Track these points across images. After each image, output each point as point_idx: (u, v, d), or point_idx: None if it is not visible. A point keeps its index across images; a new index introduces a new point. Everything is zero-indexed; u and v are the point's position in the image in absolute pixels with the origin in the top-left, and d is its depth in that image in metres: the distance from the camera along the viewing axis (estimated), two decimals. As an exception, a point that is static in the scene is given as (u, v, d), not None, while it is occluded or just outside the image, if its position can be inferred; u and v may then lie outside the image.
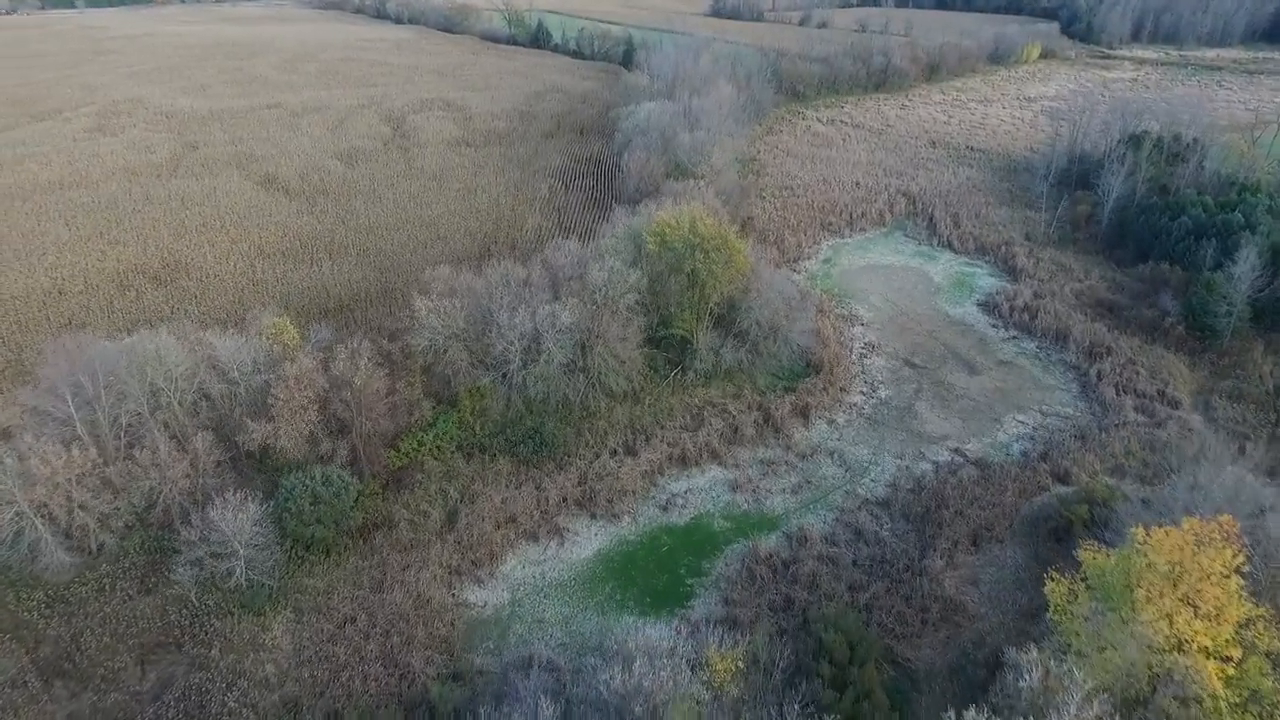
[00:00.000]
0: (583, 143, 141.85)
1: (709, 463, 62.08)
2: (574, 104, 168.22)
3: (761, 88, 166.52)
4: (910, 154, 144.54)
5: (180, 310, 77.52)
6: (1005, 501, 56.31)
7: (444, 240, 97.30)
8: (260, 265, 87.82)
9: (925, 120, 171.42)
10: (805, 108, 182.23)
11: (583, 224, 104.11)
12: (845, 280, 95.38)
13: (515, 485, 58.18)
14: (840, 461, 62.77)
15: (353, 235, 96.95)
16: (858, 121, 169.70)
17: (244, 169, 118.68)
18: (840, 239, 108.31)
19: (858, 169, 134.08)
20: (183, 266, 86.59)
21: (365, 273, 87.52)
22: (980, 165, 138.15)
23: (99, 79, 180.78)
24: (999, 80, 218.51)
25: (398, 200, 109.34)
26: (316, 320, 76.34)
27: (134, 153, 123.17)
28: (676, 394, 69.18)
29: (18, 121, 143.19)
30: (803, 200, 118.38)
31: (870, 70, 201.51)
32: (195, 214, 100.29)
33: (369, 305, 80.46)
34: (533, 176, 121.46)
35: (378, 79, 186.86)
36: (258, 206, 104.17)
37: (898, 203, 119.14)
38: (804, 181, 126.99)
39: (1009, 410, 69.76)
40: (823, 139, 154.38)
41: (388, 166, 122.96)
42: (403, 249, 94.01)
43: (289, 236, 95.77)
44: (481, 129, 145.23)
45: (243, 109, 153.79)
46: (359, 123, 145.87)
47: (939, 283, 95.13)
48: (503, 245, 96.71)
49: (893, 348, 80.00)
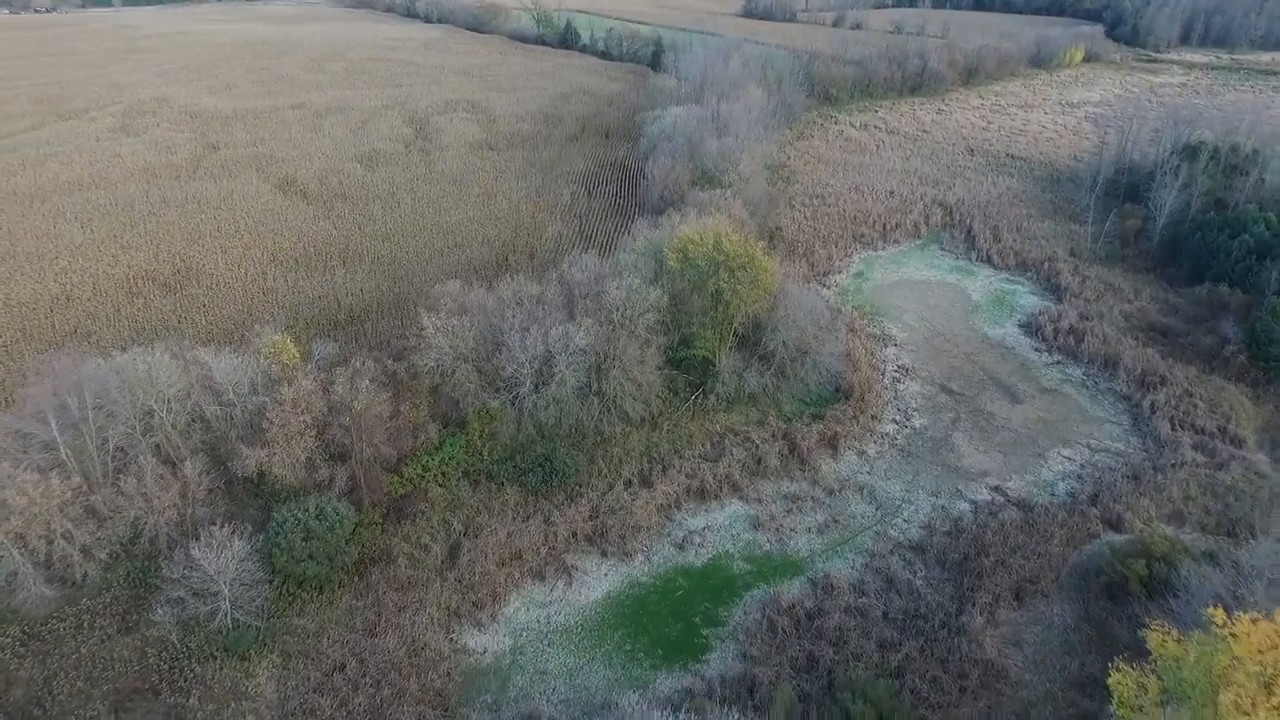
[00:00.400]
0: (608, 147, 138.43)
1: (729, 496, 58.20)
2: (600, 106, 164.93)
3: (793, 91, 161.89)
4: (947, 162, 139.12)
5: (187, 320, 75.34)
6: (1051, 550, 51.70)
7: (461, 248, 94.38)
8: (272, 273, 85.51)
9: (963, 126, 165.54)
10: (838, 112, 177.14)
11: (604, 232, 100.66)
12: (878, 296, 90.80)
13: (522, 518, 54.80)
14: (871, 498, 58.51)
15: (368, 242, 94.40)
16: (892, 127, 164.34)
17: (263, 171, 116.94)
18: (873, 251, 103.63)
19: (892, 177, 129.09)
20: (193, 273, 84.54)
21: (378, 282, 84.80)
22: (1021, 174, 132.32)
23: (129, 78, 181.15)
24: (1040, 84, 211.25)
25: (416, 205, 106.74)
26: (325, 333, 73.93)
27: (155, 153, 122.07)
28: (696, 419, 65.37)
29: (45, 120, 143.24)
30: (834, 210, 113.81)
31: (906, 73, 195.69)
32: (210, 218, 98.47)
33: (379, 317, 77.66)
34: (555, 182, 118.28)
35: (403, 79, 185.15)
36: (274, 211, 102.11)
37: (934, 213, 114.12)
38: (835, 190, 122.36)
39: (1054, 444, 64.92)
40: (855, 145, 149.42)
41: (408, 170, 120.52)
42: (418, 257, 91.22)
43: (303, 243, 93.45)
44: (505, 131, 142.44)
45: (267, 109, 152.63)
46: (382, 124, 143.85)
47: (977, 301, 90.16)
48: (521, 254, 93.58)
49: (928, 372, 75.40)
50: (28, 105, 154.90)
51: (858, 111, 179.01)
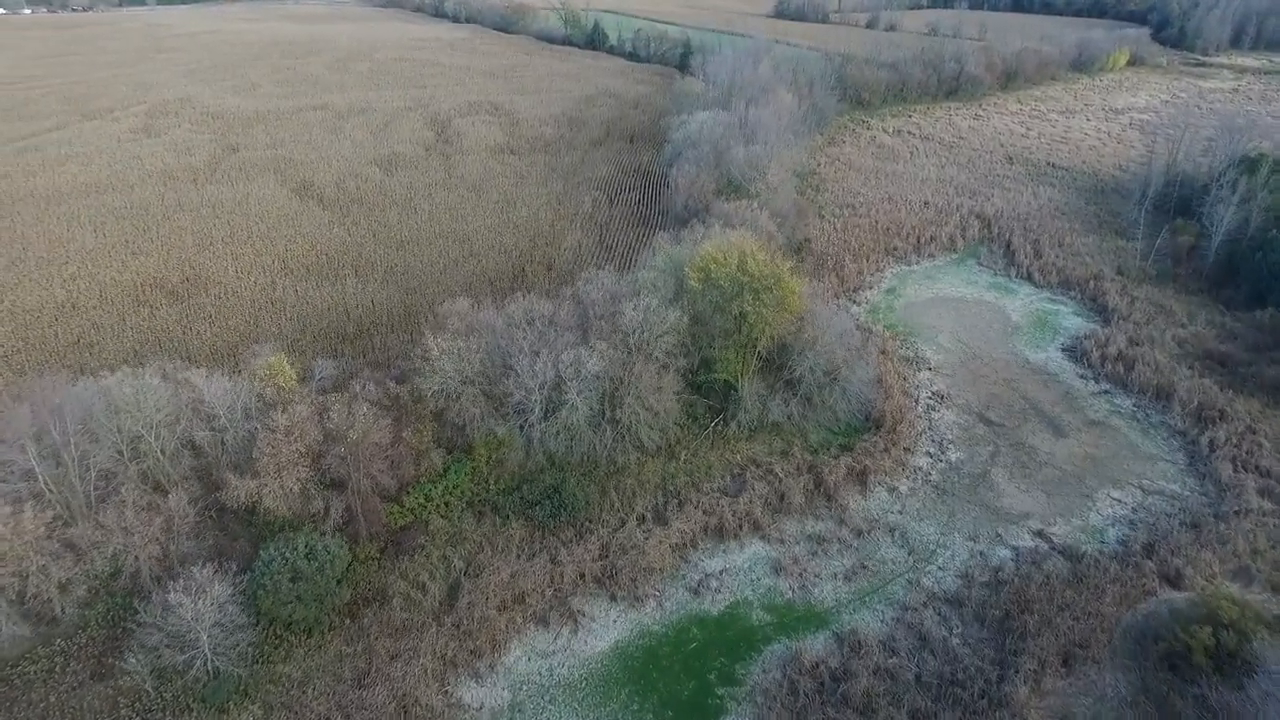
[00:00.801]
0: (632, 152, 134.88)
1: (750, 535, 54.26)
2: (625, 110, 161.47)
3: (824, 95, 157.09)
4: (985, 170, 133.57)
5: (191, 332, 73.04)
6: (1103, 609, 47.08)
7: (476, 257, 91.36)
8: (282, 282, 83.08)
9: (1001, 132, 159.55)
10: (870, 117, 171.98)
11: (625, 243, 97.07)
12: (911, 315, 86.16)
13: (528, 555, 51.36)
14: (902, 541, 54.24)
15: (382, 250, 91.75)
16: (927, 133, 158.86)
17: (281, 174, 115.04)
18: (906, 266, 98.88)
19: (926, 186, 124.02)
20: (202, 281, 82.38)
21: (390, 293, 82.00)
22: (1063, 185, 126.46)
23: (155, 77, 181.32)
24: (1082, 89, 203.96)
25: (433, 211, 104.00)
26: (332, 347, 71.27)
27: (174, 155, 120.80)
28: (716, 449, 61.51)
29: (69, 120, 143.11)
30: (865, 221, 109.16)
31: (942, 77, 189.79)
32: (224, 223, 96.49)
33: (388, 331, 74.76)
34: (576, 188, 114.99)
35: (427, 80, 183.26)
36: (289, 216, 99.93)
37: (971, 226, 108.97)
38: (867, 199, 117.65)
39: (1102, 484, 60.08)
40: (889, 152, 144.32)
41: (427, 174, 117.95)
42: (431, 267, 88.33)
43: (316, 250, 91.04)
44: (527, 135, 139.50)
45: (289, 110, 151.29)
46: (403, 126, 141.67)
47: (1017, 321, 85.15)
48: (538, 265, 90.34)
49: (965, 399, 70.77)
50: (55, 104, 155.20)
51: (891, 116, 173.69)
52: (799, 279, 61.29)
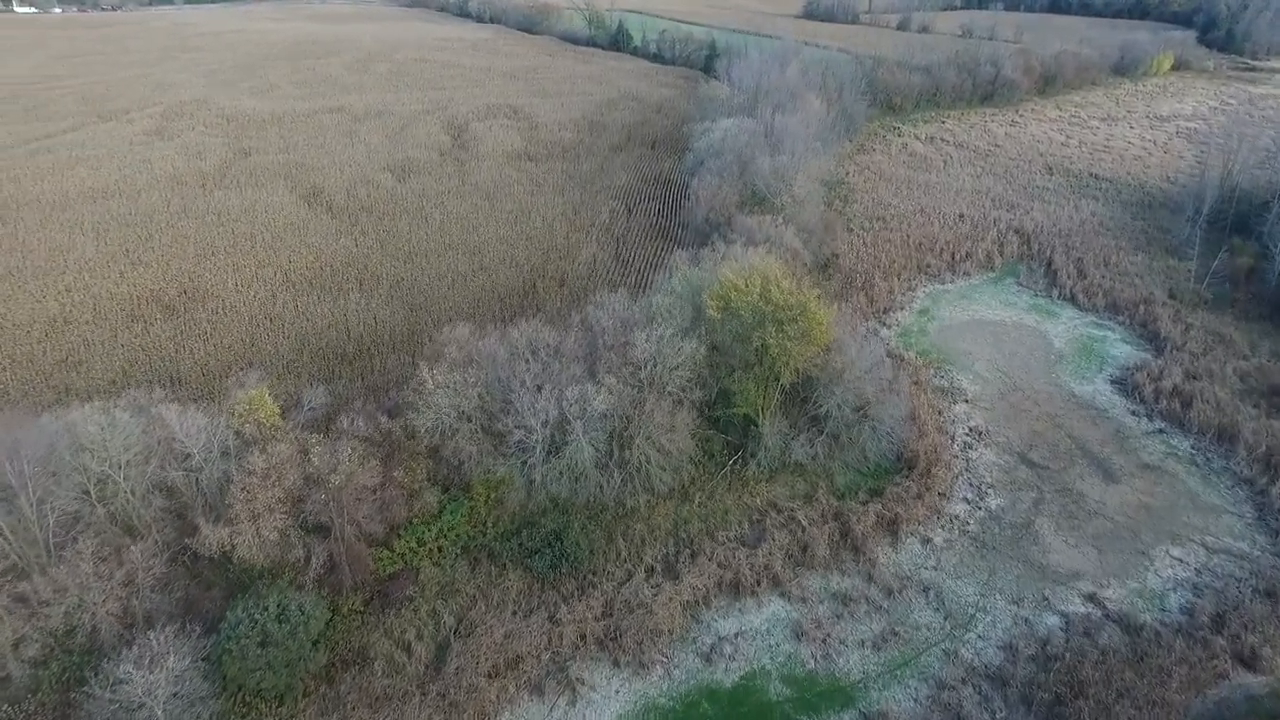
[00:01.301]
0: (653, 158, 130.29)
1: (769, 592, 49.47)
2: (648, 114, 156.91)
3: (854, 100, 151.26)
4: (1023, 181, 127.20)
5: (184, 350, 69.64)
6: (1169, 696, 41.71)
7: (486, 271, 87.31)
8: (283, 296, 79.58)
9: (1040, 140, 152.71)
10: (902, 122, 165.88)
11: (642, 257, 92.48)
12: (945, 339, 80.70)
13: (525, 612, 47.02)
14: (938, 603, 49.15)
15: (389, 263, 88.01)
16: (961, 140, 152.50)
17: (291, 180, 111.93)
18: (940, 285, 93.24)
19: (961, 198, 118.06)
20: (200, 294, 79.10)
21: (393, 309, 78.17)
22: (1107, 198, 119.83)
23: (175, 77, 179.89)
24: (1124, 95, 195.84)
25: (445, 221, 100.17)
26: (329, 368, 67.57)
27: (185, 159, 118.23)
28: (733, 491, 56.76)
29: (84, 121, 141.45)
30: (896, 235, 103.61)
31: (977, 81, 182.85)
32: (228, 232, 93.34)
33: (390, 351, 70.87)
34: (594, 197, 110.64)
35: (447, 82, 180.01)
36: (296, 225, 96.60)
37: (1009, 242, 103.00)
38: (899, 211, 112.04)
39: (1160, 539, 54.47)
40: (921, 160, 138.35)
41: (440, 182, 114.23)
42: (440, 280, 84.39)
43: (321, 261, 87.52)
44: (546, 140, 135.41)
45: (305, 112, 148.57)
46: (419, 130, 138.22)
47: (1061, 349, 79.34)
48: (550, 280, 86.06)
49: (1005, 437, 65.31)
50: (73, 105, 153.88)
51: (923, 122, 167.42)
52: (826, 307, 56.28)
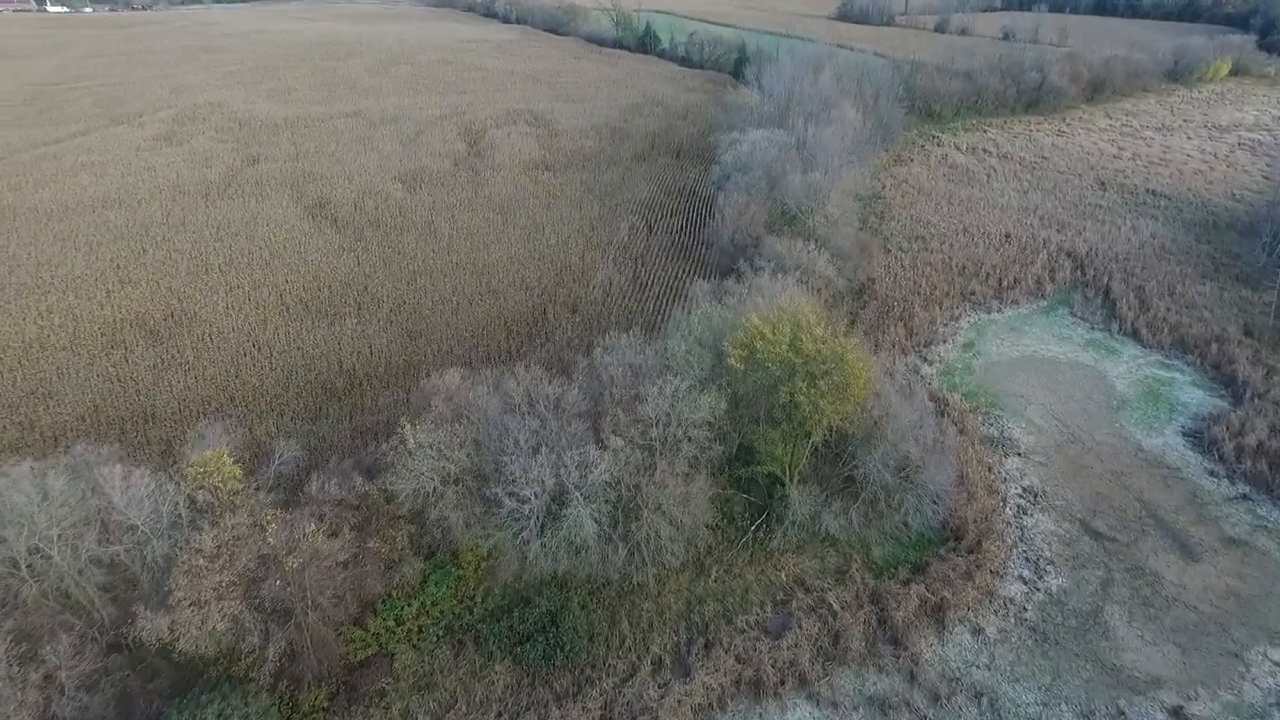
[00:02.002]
0: (678, 169, 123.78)
1: (794, 694, 42.77)
2: (673, 121, 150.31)
3: (891, 107, 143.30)
4: (1073, 197, 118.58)
5: (162, 382, 64.51)
6: None
7: (494, 295, 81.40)
8: (275, 321, 74.31)
9: (1090, 152, 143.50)
10: (941, 131, 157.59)
11: (662, 280, 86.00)
12: (993, 379, 73.19)
13: (511, 713, 40.81)
14: (992, 713, 42.10)
15: (391, 283, 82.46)
16: (1005, 151, 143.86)
17: (297, 190, 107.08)
18: (986, 314, 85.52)
19: (1007, 216, 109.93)
20: (187, 318, 74.08)
21: (391, 337, 72.52)
22: (1167, 217, 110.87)
23: (193, 79, 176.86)
24: (1179, 103, 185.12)
25: (454, 237, 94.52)
26: (316, 404, 61.97)
27: (190, 167, 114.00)
28: (755, 563, 50.07)
29: (95, 125, 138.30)
30: (937, 257, 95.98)
31: (1021, 88, 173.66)
32: (225, 247, 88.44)
33: (383, 386, 65.19)
34: (613, 212, 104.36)
35: (468, 85, 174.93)
36: (297, 240, 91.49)
37: (1060, 266, 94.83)
38: (939, 230, 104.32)
39: (1254, 637, 46.83)
40: (963, 173, 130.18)
41: (453, 193, 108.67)
42: (443, 305, 78.65)
43: (320, 281, 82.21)
44: (565, 149, 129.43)
45: (319, 116, 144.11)
46: (435, 137, 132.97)
47: (1124, 392, 71.43)
48: (562, 306, 79.95)
49: (1064, 499, 57.83)
50: (88, 108, 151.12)
51: (964, 131, 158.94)
52: (865, 359, 49.31)
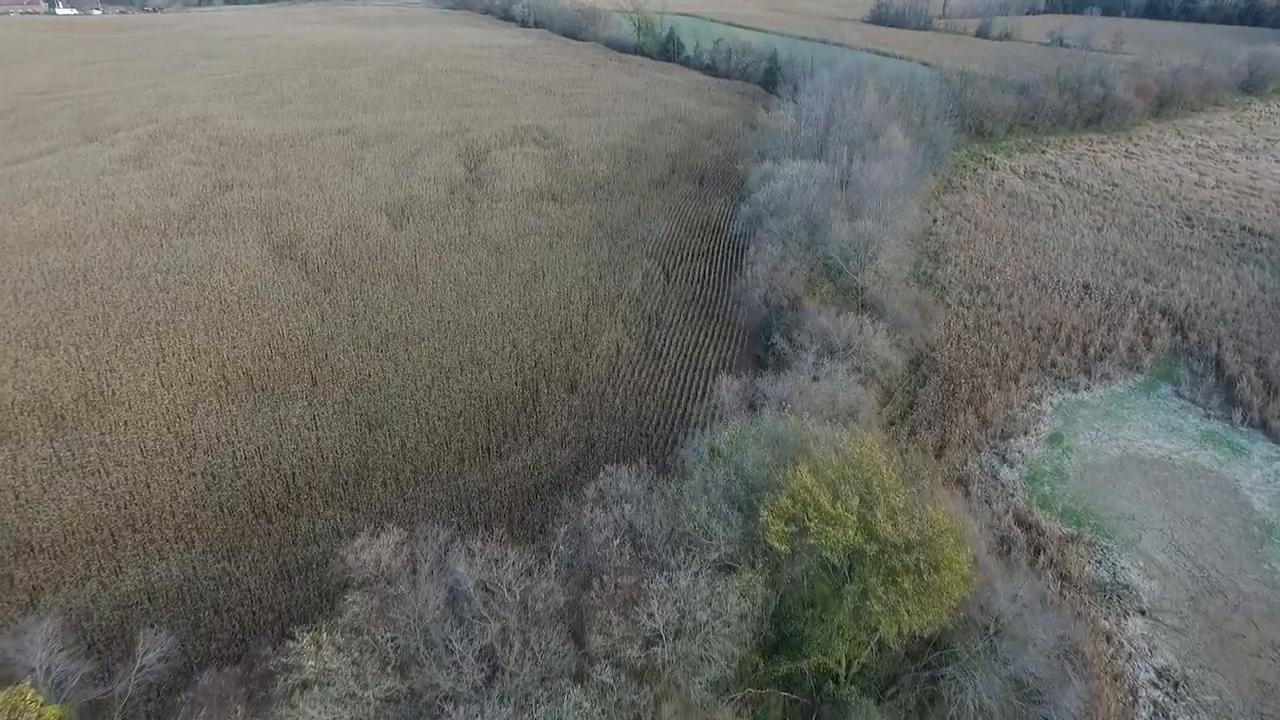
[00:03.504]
0: (700, 199, 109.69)
1: None
2: (696, 139, 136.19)
3: (940, 127, 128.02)
4: (1157, 237, 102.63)
5: (46, 495, 51.42)
6: None
7: (478, 366, 67.78)
8: (207, 404, 61.16)
9: (1165, 178, 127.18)
10: (994, 151, 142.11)
11: (680, 347, 71.85)
12: (1092, 489, 58.21)
13: None
14: None
15: (356, 350, 69.17)
16: (1069, 176, 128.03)
17: (268, 224, 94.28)
18: (1072, 393, 70.38)
19: (1082, 260, 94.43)
20: (103, 399, 61.13)
21: (347, 428, 59.06)
22: (1274, 264, 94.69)
23: (184, 88, 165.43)
24: (1257, 118, 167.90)
25: (439, 286, 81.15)
26: (240, 529, 48.64)
27: (154, 195, 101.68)
28: (801, 811, 35.91)
29: (67, 141, 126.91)
30: (1007, 315, 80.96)
31: (1082, 103, 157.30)
32: (170, 300, 75.68)
33: (324, 502, 51.71)
34: (625, 253, 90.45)
35: (475, 97, 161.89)
36: (255, 290, 78.53)
37: (1156, 328, 79.34)
38: (1005, 278, 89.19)
39: None
40: (1023, 203, 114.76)
41: (443, 229, 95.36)
42: (416, 379, 65.15)
43: (272, 346, 69.11)
44: (575, 174, 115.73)
45: (309, 133, 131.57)
46: (431, 159, 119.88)
47: (1264, 513, 56.11)
48: (558, 382, 66.15)
49: (1216, 692, 42.91)
50: (66, 121, 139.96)
51: (1019, 152, 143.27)
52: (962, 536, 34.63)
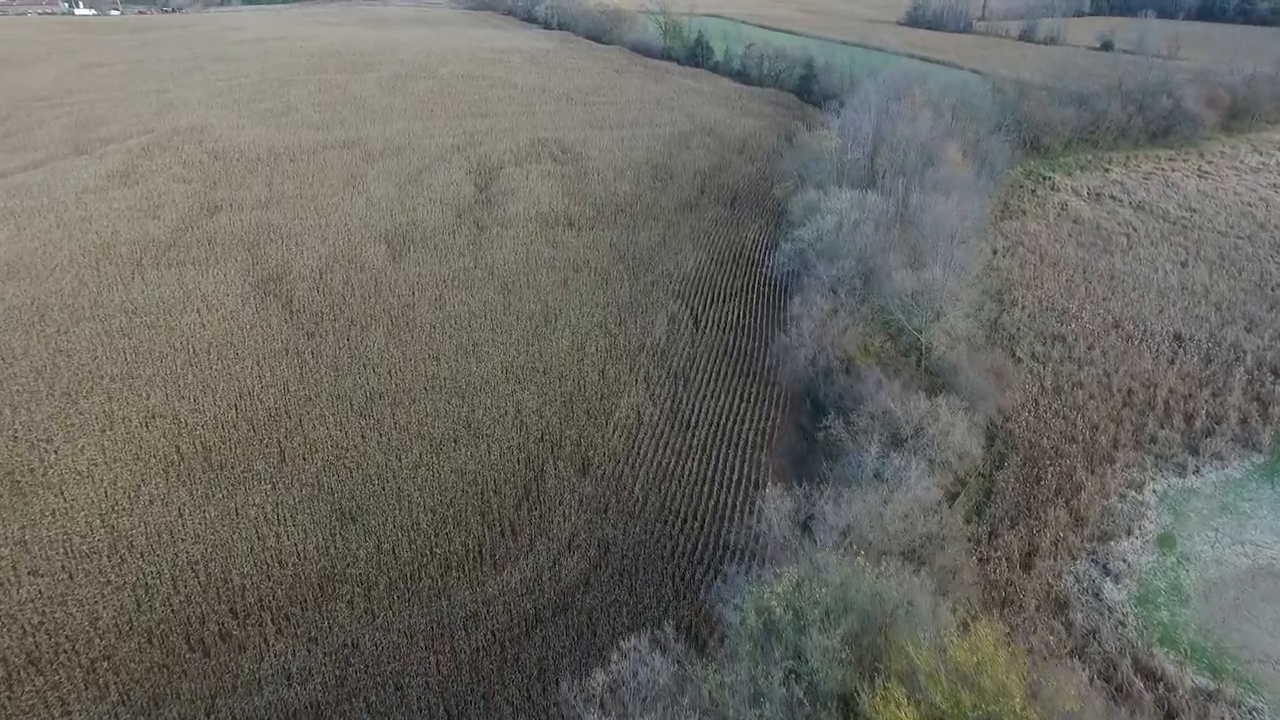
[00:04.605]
0: (732, 223, 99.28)
1: None
2: (727, 155, 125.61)
3: (996, 143, 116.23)
4: (1253, 274, 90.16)
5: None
6: None
7: (476, 436, 57.87)
8: (152, 487, 51.73)
9: (1249, 202, 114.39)
10: (1052, 170, 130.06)
11: (712, 416, 61.32)
12: (1221, 617, 46.86)
13: None
14: None
15: (336, 415, 59.54)
16: (1139, 199, 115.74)
17: (255, 253, 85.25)
18: (1178, 477, 58.81)
19: (1169, 303, 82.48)
20: (30, 481, 51.89)
21: (315, 520, 49.29)
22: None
23: (188, 94, 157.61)
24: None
25: (436, 332, 71.48)
26: (165, 673, 39.16)
27: (134, 218, 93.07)
28: None
29: (56, 154, 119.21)
30: (1090, 374, 69.52)
31: (1148, 116, 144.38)
32: (130, 348, 66.61)
33: (277, 629, 41.87)
34: (648, 293, 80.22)
35: (491, 106, 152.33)
36: (230, 336, 69.31)
37: (1270, 393, 67.45)
38: (1082, 325, 77.80)
39: None
40: (1092, 231, 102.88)
41: (446, 260, 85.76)
42: (402, 454, 55.32)
43: (237, 413, 59.65)
44: (595, 195, 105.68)
45: (311, 146, 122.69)
46: (440, 176, 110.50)
47: None
48: (567, 461, 56.01)
49: None
50: (59, 131, 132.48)
51: (1079, 170, 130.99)
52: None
